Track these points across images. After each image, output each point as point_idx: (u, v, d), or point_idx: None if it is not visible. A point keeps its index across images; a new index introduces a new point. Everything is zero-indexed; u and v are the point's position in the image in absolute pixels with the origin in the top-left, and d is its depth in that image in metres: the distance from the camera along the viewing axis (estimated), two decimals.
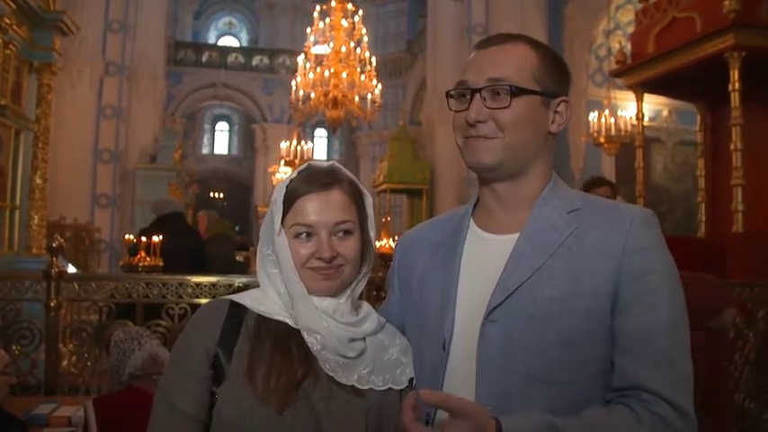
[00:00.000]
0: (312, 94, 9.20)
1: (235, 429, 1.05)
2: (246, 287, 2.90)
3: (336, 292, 1.14)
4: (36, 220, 5.56)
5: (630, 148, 7.34)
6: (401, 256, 1.28)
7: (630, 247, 1.04)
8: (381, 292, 4.06)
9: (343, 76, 8.99)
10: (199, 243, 5.48)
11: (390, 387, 1.14)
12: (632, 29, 6.62)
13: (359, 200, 1.18)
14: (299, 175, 1.16)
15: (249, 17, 25.41)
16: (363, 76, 9.21)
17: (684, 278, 1.07)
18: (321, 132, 24.60)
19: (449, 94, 1.15)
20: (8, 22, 4.84)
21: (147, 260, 4.82)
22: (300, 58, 9.42)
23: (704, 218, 5.74)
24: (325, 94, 9.02)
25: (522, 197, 1.13)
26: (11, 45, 5.01)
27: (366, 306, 1.20)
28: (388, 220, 12.88)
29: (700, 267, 3.81)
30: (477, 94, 1.09)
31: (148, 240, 4.87)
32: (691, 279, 3.17)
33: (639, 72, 5.69)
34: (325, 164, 1.19)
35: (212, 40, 24.71)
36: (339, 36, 9.15)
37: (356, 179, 1.20)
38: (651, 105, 9.39)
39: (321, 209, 1.13)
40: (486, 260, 1.11)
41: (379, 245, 10.77)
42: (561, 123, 1.15)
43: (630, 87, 6.02)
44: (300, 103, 9.41)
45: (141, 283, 3.71)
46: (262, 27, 24.37)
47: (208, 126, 26.22)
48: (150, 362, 2.33)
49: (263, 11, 24.12)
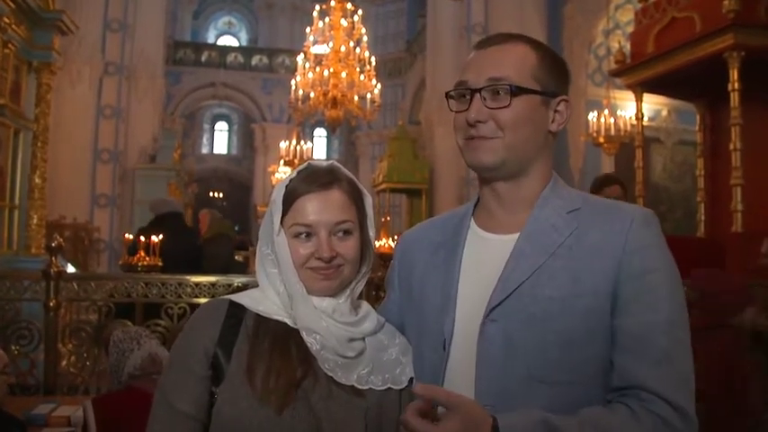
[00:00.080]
0: (311, 94, 9.20)
1: (234, 429, 1.05)
2: (246, 287, 2.90)
3: (336, 292, 1.14)
4: (35, 220, 5.55)
5: (630, 147, 7.34)
6: (401, 255, 1.28)
7: (630, 247, 1.04)
8: (381, 292, 4.06)
9: (343, 75, 8.99)
10: (197, 243, 5.47)
11: (390, 387, 1.14)
12: (632, 28, 6.62)
13: (358, 200, 1.18)
14: (298, 175, 1.16)
15: (248, 17, 25.40)
16: (363, 76, 9.21)
17: (702, 274, 1.07)
18: (320, 132, 24.59)
19: (449, 95, 1.14)
20: (7, 21, 4.84)
21: (147, 260, 4.82)
22: (300, 58, 9.41)
23: (704, 218, 5.74)
24: (325, 94, 9.02)
25: (523, 197, 1.13)
26: (10, 44, 5.01)
27: (365, 306, 1.20)
28: (388, 219, 12.87)
29: (699, 267, 3.81)
30: (477, 94, 1.09)
31: (147, 240, 4.86)
32: (709, 275, 3.16)
33: (639, 72, 5.68)
34: (324, 163, 1.18)
35: (211, 40, 24.71)
36: (338, 36, 9.15)
37: (356, 179, 1.20)
38: (650, 105, 9.39)
39: (321, 209, 1.12)
40: (487, 260, 1.11)
41: (378, 244, 10.77)
42: (561, 123, 1.15)
43: (630, 87, 6.02)
44: (300, 102, 9.40)
45: (140, 282, 3.71)
46: (261, 27, 24.36)
47: (207, 126, 26.20)
48: (149, 361, 2.33)
49: (262, 10, 24.11)
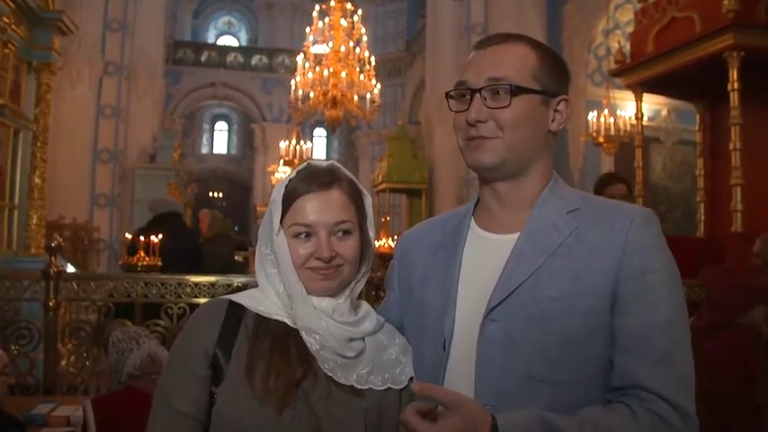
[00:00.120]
0: (311, 94, 9.20)
1: (233, 429, 1.05)
2: (245, 287, 2.90)
3: (335, 292, 1.14)
4: (35, 220, 5.55)
5: (629, 147, 7.34)
6: (401, 255, 1.28)
7: (630, 247, 1.04)
8: (380, 292, 4.05)
9: (343, 75, 8.99)
10: (196, 242, 5.47)
11: (389, 387, 1.13)
12: (631, 28, 6.62)
13: (358, 199, 1.18)
14: (298, 175, 1.16)
15: (248, 16, 25.40)
16: (362, 76, 9.21)
17: (712, 273, 1.07)
18: (320, 132, 24.59)
19: (449, 95, 1.14)
20: (7, 21, 4.84)
21: (146, 260, 4.81)
22: (299, 58, 9.42)
23: (703, 217, 5.75)
24: (325, 94, 9.02)
25: (523, 197, 1.13)
26: (10, 44, 5.01)
27: (365, 306, 1.20)
28: (388, 219, 12.87)
29: (699, 267, 3.81)
30: (477, 94, 1.09)
31: (147, 240, 4.86)
32: (720, 274, 3.15)
33: (638, 72, 5.69)
34: (324, 163, 1.18)
35: (211, 40, 24.70)
36: (338, 35, 9.15)
37: (355, 179, 1.20)
38: (650, 105, 9.39)
39: (320, 209, 1.12)
40: (487, 260, 1.11)
41: (378, 244, 10.77)
42: (561, 122, 1.14)
43: (629, 87, 6.03)
44: (299, 102, 9.41)
45: (140, 282, 3.69)
46: (261, 26, 24.36)
47: (207, 125, 26.19)
48: (149, 361, 2.33)
49: (262, 10, 24.10)
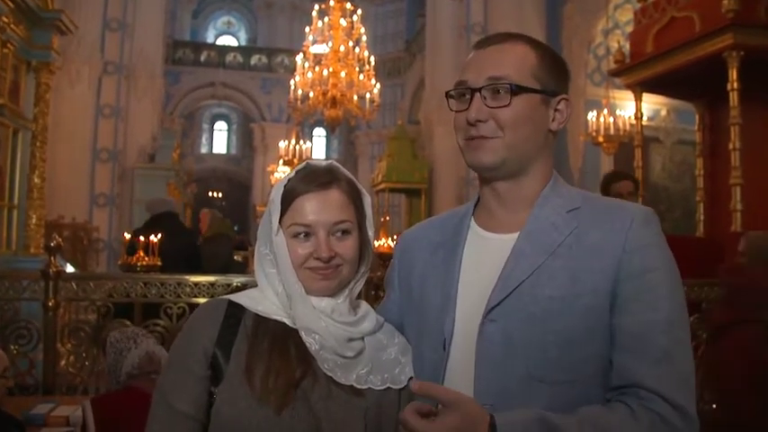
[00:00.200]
0: (311, 94, 9.20)
1: (233, 429, 1.05)
2: (245, 287, 2.89)
3: (334, 292, 1.14)
4: (34, 220, 5.55)
5: (629, 147, 7.35)
6: (401, 254, 1.28)
7: (630, 246, 1.03)
8: (380, 292, 4.05)
9: (342, 75, 8.99)
10: (193, 242, 5.47)
11: (389, 386, 1.13)
12: (631, 28, 6.63)
13: (357, 199, 1.17)
14: (297, 175, 1.15)
15: (248, 16, 25.39)
16: (362, 76, 9.21)
17: (728, 270, 1.06)
18: (320, 132, 24.58)
19: (449, 95, 1.14)
20: (6, 20, 4.83)
21: (146, 260, 4.81)
22: (299, 58, 9.42)
23: (703, 217, 5.75)
24: (324, 94, 9.02)
25: (523, 196, 1.13)
26: (9, 44, 5.00)
27: (364, 305, 1.19)
28: (387, 219, 12.86)
29: (698, 267, 3.81)
30: (478, 94, 1.09)
31: (147, 240, 4.86)
32: (734, 271, 3.14)
33: (638, 71, 5.69)
34: (323, 163, 1.18)
35: (211, 40, 24.69)
36: (338, 35, 9.15)
37: (355, 178, 1.19)
38: (650, 105, 9.39)
39: (319, 208, 1.12)
40: (487, 259, 1.11)
41: (377, 244, 10.76)
42: (562, 121, 1.14)
43: (629, 87, 6.03)
44: (299, 102, 9.40)
45: (139, 282, 3.69)
46: (260, 26, 24.35)
47: (206, 125, 26.18)
48: (147, 360, 2.33)
49: (261, 10, 24.10)
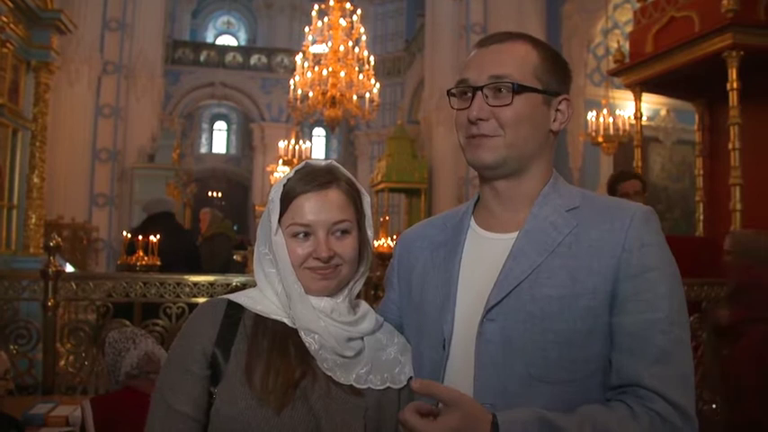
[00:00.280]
0: (310, 94, 9.20)
1: (233, 429, 1.05)
2: (244, 286, 2.90)
3: (334, 292, 1.14)
4: (34, 220, 5.54)
5: (628, 147, 7.36)
6: (400, 254, 1.28)
7: (630, 245, 1.03)
8: (379, 292, 4.06)
9: (342, 75, 8.98)
10: (189, 241, 5.49)
11: (389, 386, 1.13)
12: (630, 28, 6.63)
13: (357, 199, 1.17)
14: (296, 175, 1.15)
15: (247, 16, 25.39)
16: (362, 76, 9.21)
17: (737, 269, 1.05)
18: (319, 131, 24.61)
19: (450, 93, 1.14)
20: (5, 20, 4.83)
21: (145, 259, 4.81)
22: (299, 58, 9.42)
23: (702, 217, 5.75)
24: (324, 94, 9.02)
25: (523, 195, 1.13)
26: (8, 44, 5.00)
27: (364, 305, 1.19)
28: (387, 219, 12.86)
29: (697, 267, 3.81)
30: (479, 92, 1.09)
31: (146, 239, 4.85)
32: (744, 269, 3.12)
33: (638, 71, 5.69)
34: (322, 163, 1.18)
35: (210, 39, 24.68)
36: (337, 35, 9.15)
37: (354, 178, 1.19)
38: (649, 105, 9.40)
39: (319, 208, 1.12)
40: (486, 259, 1.11)
41: (377, 244, 10.77)
42: (563, 122, 1.14)
43: (629, 87, 6.03)
44: (299, 102, 9.40)
45: (139, 282, 3.69)
46: (260, 26, 24.35)
47: (206, 125, 26.17)
48: (146, 360, 2.33)
49: (261, 10, 24.10)
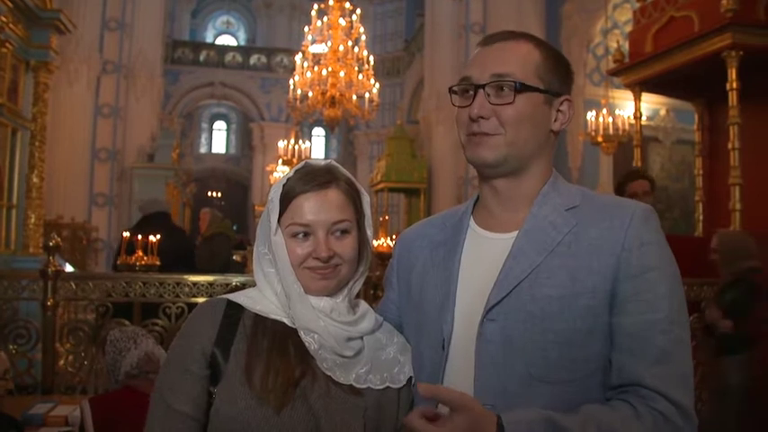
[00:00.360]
0: (310, 93, 9.21)
1: (232, 429, 1.04)
2: (244, 286, 2.90)
3: (333, 292, 1.14)
4: (33, 219, 5.55)
5: (628, 147, 7.36)
6: (400, 253, 1.28)
7: (629, 244, 1.03)
8: (379, 291, 4.06)
9: (341, 74, 8.99)
10: (185, 241, 5.51)
11: (388, 386, 1.13)
12: (630, 28, 6.63)
13: (356, 199, 1.17)
14: (295, 174, 1.15)
15: (247, 16, 25.38)
16: (361, 75, 9.21)
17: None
18: (319, 131, 24.61)
19: (452, 90, 1.14)
20: (4, 20, 4.82)
21: (145, 259, 4.80)
22: (298, 57, 9.42)
23: (702, 217, 5.75)
24: (323, 93, 9.02)
25: (522, 194, 1.13)
26: (7, 43, 5.00)
27: (363, 305, 1.19)
28: (386, 219, 12.87)
29: (697, 267, 3.81)
30: (481, 90, 1.08)
31: (145, 239, 4.85)
32: None
33: (637, 71, 5.69)
34: (322, 163, 1.18)
35: (210, 39, 24.67)
36: (337, 35, 9.15)
37: (353, 178, 1.19)
38: (649, 104, 9.40)
39: (318, 208, 1.12)
40: (486, 259, 1.11)
41: (376, 244, 10.77)
42: (564, 122, 1.14)
43: (628, 86, 6.03)
44: (298, 101, 9.41)
45: (138, 282, 3.69)
46: (259, 26, 24.35)
47: (205, 125, 26.16)
48: (146, 361, 2.33)
49: (260, 9, 24.10)
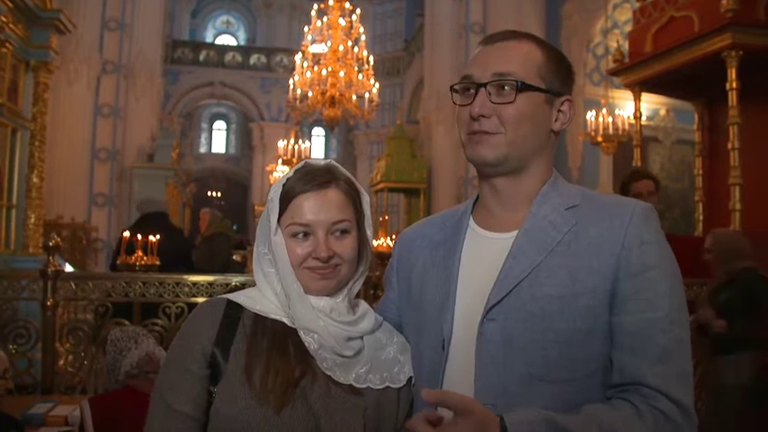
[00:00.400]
0: (309, 93, 9.21)
1: (232, 428, 1.05)
2: (243, 286, 2.90)
3: (333, 292, 1.14)
4: (33, 219, 5.55)
5: (628, 147, 7.36)
6: (400, 253, 1.28)
7: (629, 243, 1.03)
8: (379, 291, 4.05)
9: (341, 74, 8.99)
10: (183, 241, 5.51)
11: (388, 386, 1.13)
12: (630, 28, 6.63)
13: (356, 199, 1.17)
14: (295, 174, 1.15)
15: (246, 16, 25.38)
16: (361, 75, 9.21)
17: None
18: (319, 131, 24.61)
19: (453, 89, 1.14)
20: (4, 20, 4.83)
21: (144, 259, 4.80)
22: (298, 57, 9.42)
23: (702, 217, 5.75)
24: (323, 93, 9.02)
25: (522, 194, 1.13)
26: (7, 43, 5.00)
27: (363, 305, 1.19)
28: (386, 219, 12.87)
29: (697, 266, 3.81)
30: (482, 89, 1.08)
31: (144, 239, 4.85)
32: None
33: (637, 71, 5.70)
34: (321, 162, 1.18)
35: (210, 39, 24.67)
36: (336, 35, 9.15)
37: (353, 178, 1.19)
38: (649, 104, 9.40)
39: (318, 208, 1.12)
40: (486, 258, 1.11)
41: (376, 244, 10.77)
42: (564, 122, 1.14)
43: (628, 86, 6.03)
44: (298, 101, 9.41)
45: (138, 282, 3.69)
46: (259, 26, 24.35)
47: (205, 125, 26.16)
48: (146, 361, 2.33)
49: (260, 9, 24.10)
